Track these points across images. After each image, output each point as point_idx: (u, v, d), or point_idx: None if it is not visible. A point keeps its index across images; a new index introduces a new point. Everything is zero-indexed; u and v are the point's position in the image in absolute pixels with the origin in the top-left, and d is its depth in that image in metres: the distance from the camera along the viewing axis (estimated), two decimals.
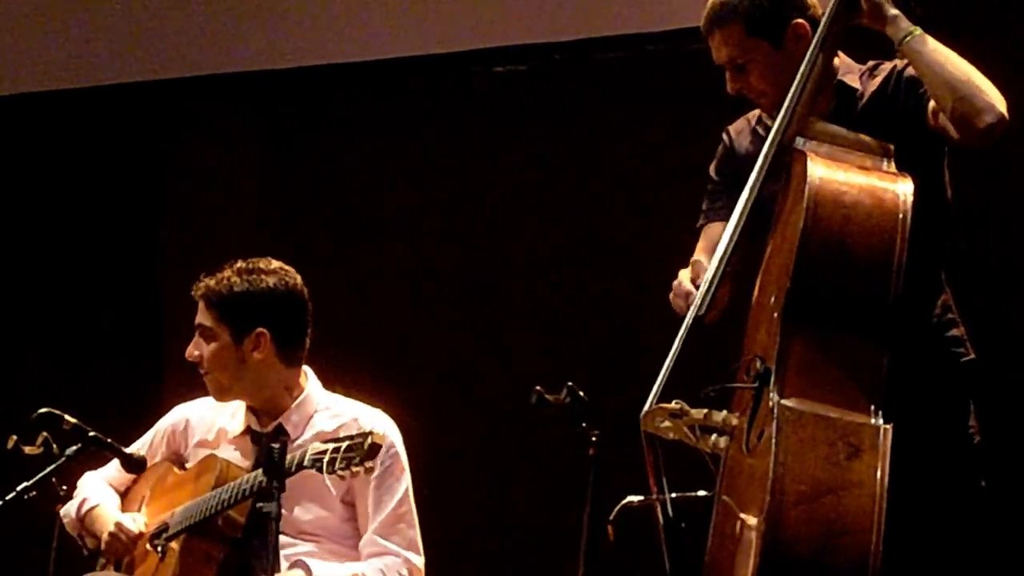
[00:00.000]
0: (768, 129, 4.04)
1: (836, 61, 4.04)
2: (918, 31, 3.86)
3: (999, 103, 3.80)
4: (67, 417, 4.39)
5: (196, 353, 4.55)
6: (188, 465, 4.63)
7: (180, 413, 4.74)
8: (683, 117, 5.48)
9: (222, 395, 4.56)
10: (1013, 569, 4.96)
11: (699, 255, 4.10)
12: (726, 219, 4.06)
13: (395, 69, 6.18)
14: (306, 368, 4.62)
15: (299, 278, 4.57)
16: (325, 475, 4.18)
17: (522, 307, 5.99)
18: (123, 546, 4.50)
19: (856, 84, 4.03)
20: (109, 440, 4.44)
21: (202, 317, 4.55)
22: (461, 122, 6.12)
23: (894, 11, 3.89)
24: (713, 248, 4.05)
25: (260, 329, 4.49)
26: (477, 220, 6.09)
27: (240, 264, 4.55)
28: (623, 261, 5.70)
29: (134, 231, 6.52)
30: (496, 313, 6.02)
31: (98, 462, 4.62)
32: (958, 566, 3.92)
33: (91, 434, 4.40)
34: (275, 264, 4.56)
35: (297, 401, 4.56)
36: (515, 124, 6.05)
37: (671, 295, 4.00)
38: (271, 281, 4.52)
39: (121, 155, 6.52)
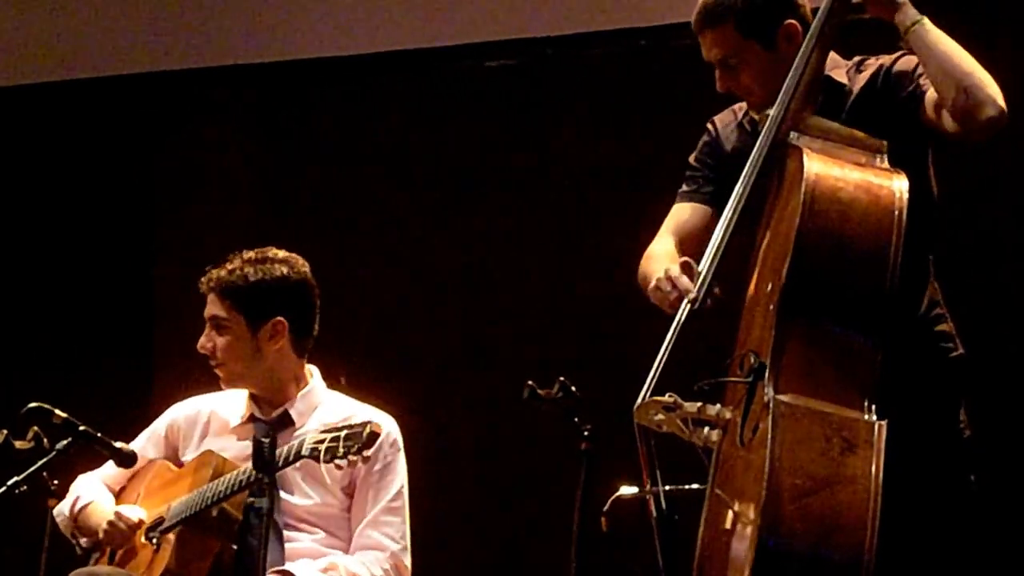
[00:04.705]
0: (754, 123, 4.06)
1: None
2: (925, 19, 3.86)
3: (999, 98, 3.81)
4: (57, 411, 4.38)
5: (209, 345, 4.53)
6: (185, 461, 4.63)
7: (178, 410, 4.74)
8: (675, 112, 5.46)
9: (233, 384, 4.56)
10: (1004, 563, 4.97)
11: (663, 233, 4.14)
12: (696, 202, 4.14)
13: (387, 63, 6.17)
14: (313, 367, 4.65)
15: (307, 266, 4.59)
16: (322, 464, 4.18)
17: (513, 301, 5.99)
18: (122, 534, 4.49)
19: (844, 79, 4.03)
20: (99, 434, 4.43)
21: (215, 308, 4.53)
22: (453, 117, 6.12)
23: None
24: (677, 228, 4.13)
25: (278, 318, 4.51)
26: (469, 215, 6.09)
27: (249, 254, 4.55)
28: (616, 256, 5.68)
29: (125, 225, 6.51)
30: (488, 307, 6.02)
31: (89, 457, 4.61)
32: (950, 561, 3.92)
33: (81, 428, 4.39)
34: (283, 253, 4.57)
35: (303, 392, 4.58)
36: (507, 119, 6.05)
37: (652, 288, 3.99)
38: (284, 269, 4.53)
39: (112, 148, 6.50)
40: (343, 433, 4.14)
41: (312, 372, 4.64)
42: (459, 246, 6.08)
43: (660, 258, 4.06)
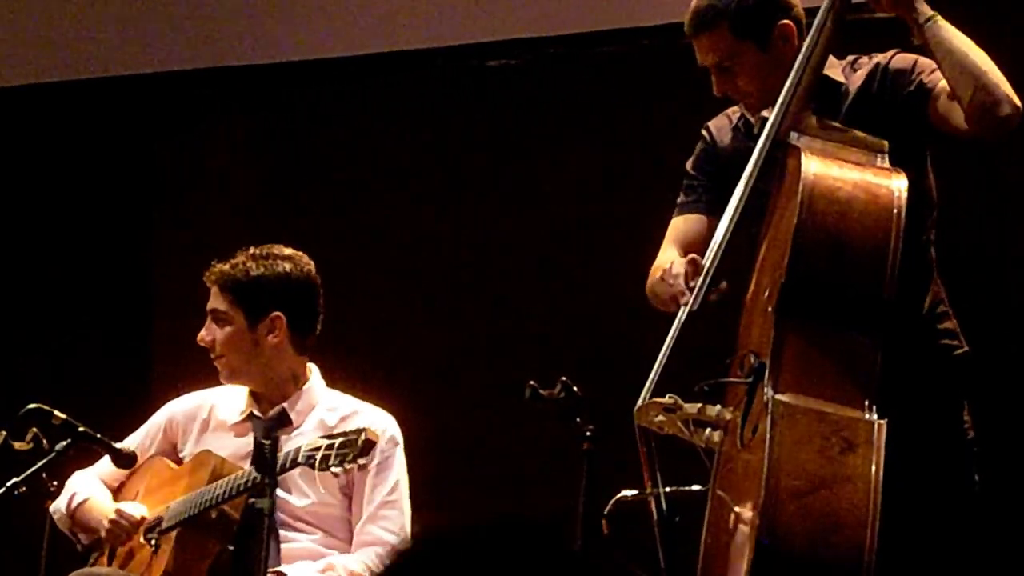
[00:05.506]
0: (750, 125, 4.05)
1: None
2: (938, 16, 3.84)
3: (1015, 96, 3.79)
4: (56, 412, 4.39)
5: (209, 338, 4.57)
6: (184, 458, 4.63)
7: (175, 407, 4.73)
8: (678, 112, 5.45)
9: (232, 378, 4.59)
10: (1006, 563, 4.96)
11: (667, 246, 4.11)
12: (696, 213, 4.11)
13: (389, 63, 6.17)
14: (312, 365, 4.66)
15: (312, 264, 4.63)
16: (317, 472, 4.19)
17: (515, 302, 5.98)
18: (125, 531, 4.49)
19: (840, 78, 4.02)
20: (99, 435, 4.43)
21: (216, 302, 4.57)
22: (455, 116, 6.11)
23: None
24: (680, 239, 4.10)
25: (276, 313, 4.54)
26: (470, 214, 6.08)
27: (254, 250, 4.60)
28: (617, 256, 5.68)
29: (125, 224, 6.51)
30: (489, 308, 6.02)
31: (89, 458, 4.60)
32: (952, 561, 3.92)
33: (81, 429, 4.39)
34: (288, 250, 4.61)
35: (302, 390, 4.59)
36: (509, 119, 6.04)
37: (658, 278, 3.96)
38: (287, 266, 4.57)
39: (113, 146, 6.50)
40: (337, 441, 4.15)
41: (312, 370, 4.65)
42: (460, 246, 6.07)
43: None
